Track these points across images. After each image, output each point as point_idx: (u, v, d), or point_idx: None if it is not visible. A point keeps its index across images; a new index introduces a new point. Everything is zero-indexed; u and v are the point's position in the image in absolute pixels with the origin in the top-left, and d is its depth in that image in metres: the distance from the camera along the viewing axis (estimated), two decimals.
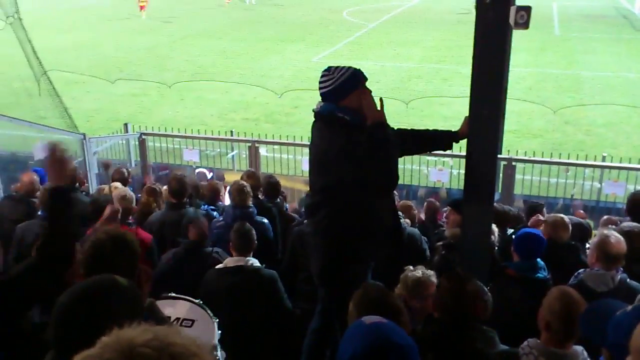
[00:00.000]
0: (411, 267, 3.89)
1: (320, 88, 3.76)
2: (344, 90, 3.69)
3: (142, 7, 34.67)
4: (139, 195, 6.78)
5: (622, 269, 4.03)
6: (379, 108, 3.66)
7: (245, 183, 5.74)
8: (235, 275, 4.29)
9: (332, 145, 3.66)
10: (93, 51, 26.76)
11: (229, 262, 4.35)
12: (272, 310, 4.42)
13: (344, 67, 3.76)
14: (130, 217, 5.18)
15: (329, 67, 3.79)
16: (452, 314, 3.06)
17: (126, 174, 7.48)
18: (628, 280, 3.95)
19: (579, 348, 2.98)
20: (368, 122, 3.63)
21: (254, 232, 4.47)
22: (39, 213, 5.28)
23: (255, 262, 4.40)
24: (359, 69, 3.78)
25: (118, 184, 6.29)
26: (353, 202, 3.72)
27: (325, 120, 3.77)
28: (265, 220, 5.50)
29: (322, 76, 3.77)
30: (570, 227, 4.99)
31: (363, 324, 2.04)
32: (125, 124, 12.38)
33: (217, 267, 4.40)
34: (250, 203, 5.59)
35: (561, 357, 2.90)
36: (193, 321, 3.58)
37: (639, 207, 5.27)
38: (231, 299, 4.23)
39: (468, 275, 3.23)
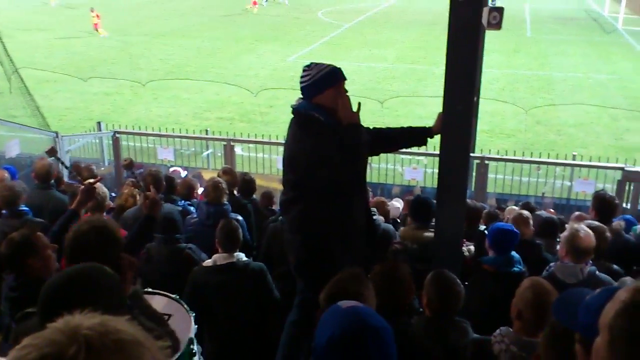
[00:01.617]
0: None
1: (300, 83, 3.84)
2: (319, 87, 3.75)
3: (95, 26, 30.29)
4: (113, 193, 6.74)
5: (591, 262, 4.13)
6: (355, 110, 3.72)
7: (220, 180, 5.73)
8: (226, 273, 4.28)
9: (303, 145, 3.72)
10: (65, 50, 26.46)
11: (218, 259, 4.33)
12: (263, 302, 4.43)
13: (324, 64, 3.83)
14: (104, 214, 5.14)
15: (310, 63, 3.86)
16: (385, 300, 3.08)
17: (95, 171, 7.42)
18: (597, 272, 4.05)
19: None
20: (343, 123, 3.69)
21: (240, 228, 4.48)
22: (3, 212, 5.22)
23: (244, 257, 4.41)
24: (338, 68, 3.83)
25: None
26: (325, 200, 3.77)
27: (299, 118, 3.83)
28: (240, 217, 5.50)
29: (302, 71, 3.85)
30: (531, 222, 5.12)
31: (339, 308, 2.08)
32: (99, 123, 12.27)
33: (205, 264, 4.38)
34: (225, 200, 5.58)
35: (532, 345, 2.97)
36: (170, 316, 3.57)
37: (603, 205, 5.39)
38: (224, 295, 4.24)
39: (399, 263, 3.32)
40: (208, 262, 4.37)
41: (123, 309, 2.08)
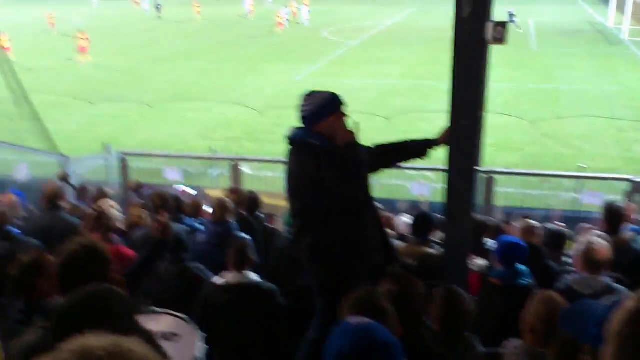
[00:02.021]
0: None
1: (300, 111, 3.88)
2: (321, 115, 3.80)
3: (82, 49, 28.68)
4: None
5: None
6: (351, 129, 3.74)
7: (226, 199, 5.75)
8: (237, 292, 4.28)
9: (303, 171, 3.76)
10: (73, 72, 26.70)
11: (229, 278, 4.33)
12: (273, 322, 4.42)
13: (324, 92, 3.87)
14: (111, 234, 5.15)
15: (310, 92, 3.90)
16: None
17: (108, 193, 7.46)
18: (613, 283, 4.04)
19: None
20: (340, 144, 3.71)
21: (251, 247, 4.48)
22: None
23: (255, 277, 4.40)
24: (336, 95, 3.86)
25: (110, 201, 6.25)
26: (335, 223, 3.79)
27: (296, 146, 3.88)
28: (248, 237, 5.49)
29: (303, 100, 3.89)
30: (541, 233, 5.16)
31: (349, 324, 2.09)
32: (106, 145, 12.33)
33: (217, 283, 4.38)
34: (231, 219, 5.57)
35: (544, 358, 2.97)
36: (177, 335, 3.58)
37: (611, 215, 5.38)
38: (234, 315, 4.23)
39: (410, 278, 3.28)
40: (219, 281, 4.37)
41: (134, 329, 2.09)
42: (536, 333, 3.05)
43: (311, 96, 3.86)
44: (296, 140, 3.86)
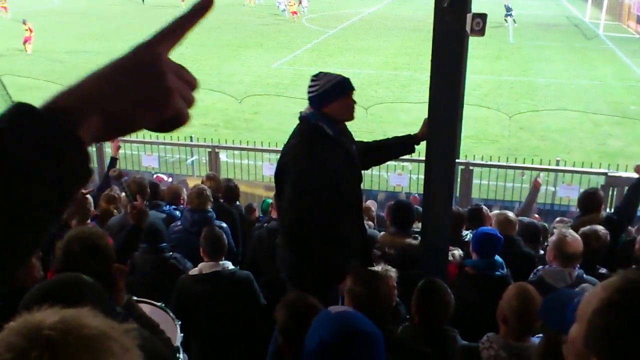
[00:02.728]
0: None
1: (308, 92, 3.83)
2: (329, 97, 3.75)
3: (26, 40, 27.54)
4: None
5: (578, 266, 4.17)
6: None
7: (204, 187, 5.70)
8: (212, 281, 4.25)
9: (303, 153, 3.71)
10: (47, 57, 26.27)
11: (204, 268, 4.30)
12: (249, 310, 4.40)
13: (333, 74, 3.84)
14: (89, 221, 5.09)
15: (319, 73, 3.86)
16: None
17: None
18: (585, 276, 4.08)
19: (536, 340, 3.08)
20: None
21: (224, 236, 4.45)
22: None
23: (230, 265, 4.37)
24: (347, 78, 3.82)
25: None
26: (318, 217, 3.75)
27: (307, 127, 3.79)
28: (224, 225, 5.46)
29: (310, 81, 3.84)
30: (517, 225, 5.22)
31: (329, 313, 2.09)
32: None
33: (191, 273, 4.34)
34: (209, 207, 5.53)
35: (519, 349, 3.00)
36: None
37: (586, 198, 5.47)
38: (210, 304, 4.21)
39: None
40: (194, 271, 4.34)
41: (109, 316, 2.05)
42: (510, 325, 3.09)
43: (320, 77, 3.80)
44: (310, 121, 3.77)
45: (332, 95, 3.73)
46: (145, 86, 0.83)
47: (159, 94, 0.83)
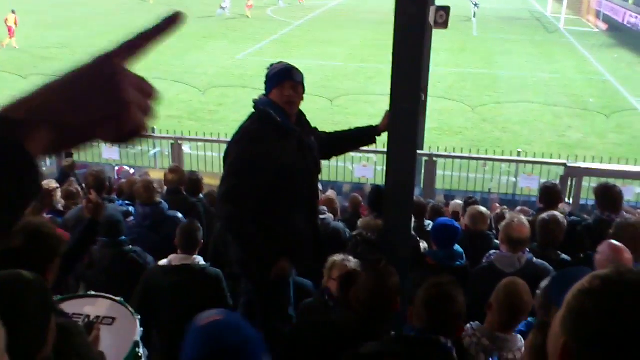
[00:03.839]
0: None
1: None
2: (268, 85, 3.78)
3: (10, 31, 25.64)
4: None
5: (528, 250, 4.25)
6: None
7: (151, 179, 5.59)
8: (180, 274, 4.19)
9: (241, 138, 3.70)
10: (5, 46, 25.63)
11: (174, 259, 4.24)
12: (215, 307, 4.35)
13: (283, 64, 3.84)
14: (45, 215, 4.98)
15: (280, 62, 3.90)
16: (370, 308, 3.02)
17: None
18: (534, 260, 4.17)
19: (518, 336, 3.16)
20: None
21: (200, 230, 4.38)
22: None
23: (201, 261, 4.32)
24: (290, 69, 3.80)
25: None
26: (259, 208, 3.70)
27: (257, 113, 3.77)
28: (179, 215, 5.37)
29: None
30: (489, 218, 5.25)
31: (196, 326, 1.94)
32: None
33: (160, 264, 4.27)
34: (159, 199, 5.42)
35: (502, 340, 3.05)
36: (114, 319, 3.50)
37: (547, 193, 5.55)
38: (176, 297, 4.14)
39: (389, 269, 3.19)
40: (163, 262, 4.28)
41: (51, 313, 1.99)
42: (495, 316, 3.15)
43: (273, 65, 3.86)
44: (259, 107, 3.77)
45: (271, 83, 3.77)
46: (101, 98, 0.80)
47: (115, 107, 0.81)
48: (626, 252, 3.68)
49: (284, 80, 3.74)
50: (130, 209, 5.93)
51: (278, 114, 3.68)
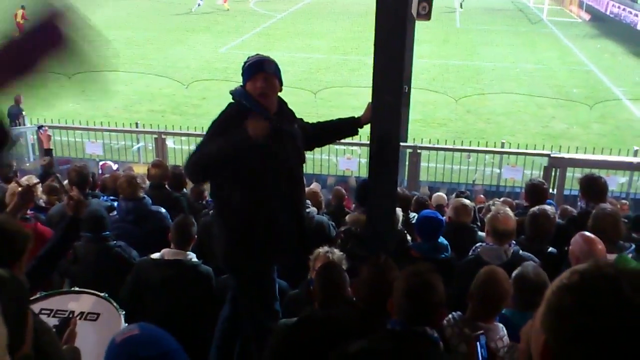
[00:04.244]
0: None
1: None
2: (243, 76, 3.80)
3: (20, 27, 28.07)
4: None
5: (514, 242, 4.26)
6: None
7: (134, 174, 5.56)
8: (172, 269, 4.17)
9: (214, 122, 3.73)
10: None
11: (167, 254, 4.21)
12: (203, 304, 4.33)
13: (259, 56, 3.83)
14: (28, 212, 4.92)
15: (257, 54, 3.90)
16: (371, 302, 3.04)
17: (14, 167, 7.05)
18: (521, 252, 4.18)
19: (500, 325, 3.18)
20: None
21: (194, 226, 4.36)
22: None
23: (194, 257, 4.30)
24: (264, 61, 3.79)
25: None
26: (237, 199, 3.71)
27: (232, 102, 3.79)
28: (163, 210, 5.33)
29: None
30: (472, 211, 5.26)
31: (113, 344, 1.94)
32: (22, 117, 11.82)
33: (153, 257, 4.25)
34: (142, 194, 5.39)
35: (484, 329, 3.06)
36: (98, 315, 3.48)
37: (533, 190, 5.55)
38: (165, 292, 4.13)
39: (390, 264, 3.20)
40: (155, 255, 4.26)
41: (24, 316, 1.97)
42: (475, 305, 3.18)
43: (250, 57, 3.86)
44: (234, 97, 3.79)
45: (245, 75, 3.78)
46: None
47: None
48: (599, 244, 3.72)
49: (256, 72, 3.74)
50: (115, 204, 5.89)
51: (252, 104, 3.67)
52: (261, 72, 3.75)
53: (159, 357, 1.86)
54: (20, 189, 3.90)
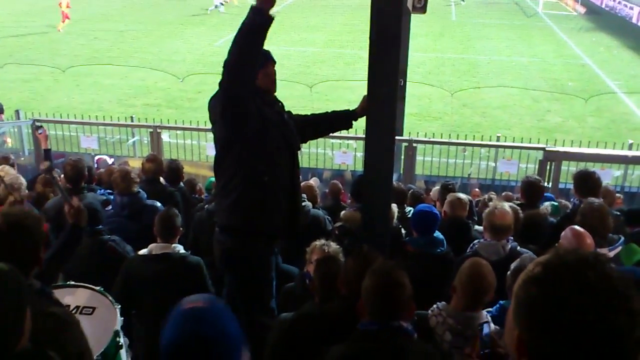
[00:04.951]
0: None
1: None
2: None
3: (65, 16, 26.34)
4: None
5: (512, 238, 4.25)
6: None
7: (128, 169, 5.54)
8: (161, 263, 4.16)
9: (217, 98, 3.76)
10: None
11: (154, 248, 4.21)
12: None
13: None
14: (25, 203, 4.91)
15: None
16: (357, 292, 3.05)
17: (12, 160, 7.00)
18: (519, 248, 4.17)
19: (483, 312, 3.19)
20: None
21: (179, 218, 4.35)
22: None
23: (181, 249, 4.30)
24: (267, 51, 3.83)
25: (9, 168, 5.87)
26: (237, 185, 3.76)
27: None
28: (158, 204, 5.32)
29: None
30: (468, 205, 5.26)
31: (179, 309, 1.84)
32: (17, 111, 11.78)
33: (141, 253, 4.25)
34: (136, 188, 5.38)
35: (468, 318, 3.07)
36: (94, 308, 3.48)
37: (530, 188, 5.55)
38: (157, 286, 4.12)
39: (374, 253, 3.22)
40: (144, 251, 4.25)
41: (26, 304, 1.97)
42: (459, 296, 3.17)
43: None
44: None
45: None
46: None
47: None
48: (588, 237, 3.72)
49: (268, 60, 3.77)
50: (111, 197, 5.88)
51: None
52: (272, 60, 3.86)
53: (216, 337, 1.74)
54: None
